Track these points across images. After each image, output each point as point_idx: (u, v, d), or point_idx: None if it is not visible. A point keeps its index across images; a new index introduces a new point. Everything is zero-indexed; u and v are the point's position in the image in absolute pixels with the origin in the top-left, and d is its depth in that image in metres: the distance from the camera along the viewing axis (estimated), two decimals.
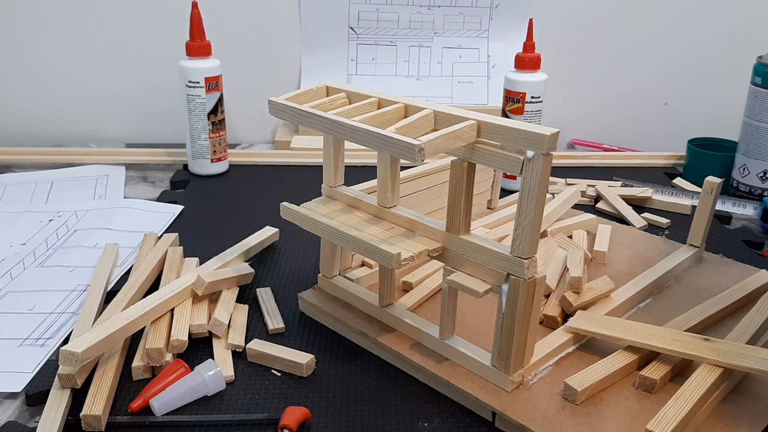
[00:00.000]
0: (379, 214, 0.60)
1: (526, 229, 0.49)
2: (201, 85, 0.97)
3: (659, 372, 0.54)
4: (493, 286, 0.52)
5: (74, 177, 1.02)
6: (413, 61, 1.22)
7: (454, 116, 0.51)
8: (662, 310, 0.66)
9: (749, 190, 0.98)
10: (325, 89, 0.62)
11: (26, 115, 1.20)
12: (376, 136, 0.49)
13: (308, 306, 0.66)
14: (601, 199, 0.95)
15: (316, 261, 0.75)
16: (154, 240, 0.78)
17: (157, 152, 1.10)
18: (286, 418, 0.51)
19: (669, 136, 1.24)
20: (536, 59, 0.92)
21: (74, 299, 0.69)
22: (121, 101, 1.21)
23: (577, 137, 1.26)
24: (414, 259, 0.53)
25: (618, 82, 1.24)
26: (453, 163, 0.52)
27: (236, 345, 0.60)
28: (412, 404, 0.55)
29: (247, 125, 1.24)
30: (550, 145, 0.46)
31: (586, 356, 0.58)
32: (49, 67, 1.17)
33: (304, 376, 0.57)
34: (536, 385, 0.54)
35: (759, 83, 0.95)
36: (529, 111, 0.93)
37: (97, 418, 0.50)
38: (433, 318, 0.60)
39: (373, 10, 1.19)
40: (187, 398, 0.54)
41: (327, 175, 0.63)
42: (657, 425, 0.47)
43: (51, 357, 0.60)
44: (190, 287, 0.64)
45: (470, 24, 1.21)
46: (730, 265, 0.75)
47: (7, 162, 1.07)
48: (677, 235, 0.85)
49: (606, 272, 0.72)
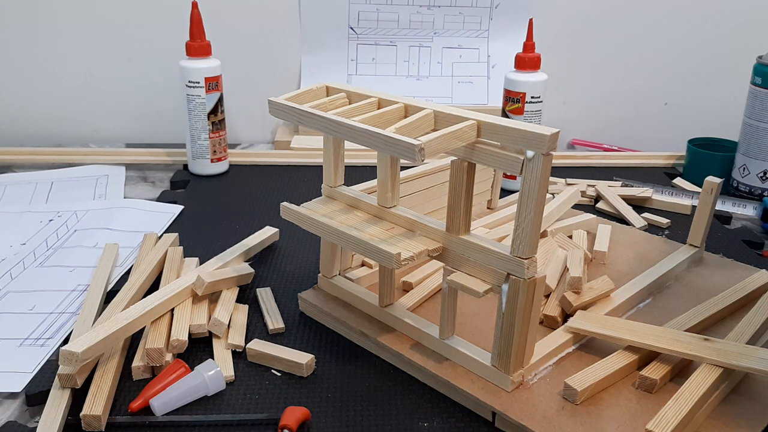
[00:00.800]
0: (379, 214, 0.60)
1: (526, 229, 0.49)
2: (201, 85, 0.97)
3: (659, 372, 0.54)
4: (493, 286, 0.52)
5: (74, 177, 1.02)
6: (413, 61, 1.22)
7: (454, 116, 0.51)
8: (662, 310, 0.66)
9: (749, 190, 0.98)
10: (325, 89, 0.62)
11: (26, 115, 1.20)
12: (376, 136, 0.49)
13: (308, 306, 0.66)
14: (601, 199, 0.95)
15: (316, 261, 0.75)
16: (154, 240, 0.78)
17: (157, 152, 1.10)
18: (286, 418, 0.51)
19: (669, 136, 1.24)
20: (536, 59, 0.92)
21: (74, 299, 0.69)
22: (121, 101, 1.21)
23: (577, 137, 1.26)
24: (414, 259, 0.53)
25: (618, 82, 1.24)
26: (453, 163, 0.52)
27: (236, 345, 0.60)
28: (412, 404, 0.55)
29: (247, 125, 1.24)
30: (550, 145, 0.46)
31: (586, 356, 0.58)
32: (49, 67, 1.17)
33: (304, 376, 0.57)
34: (536, 385, 0.54)
35: (759, 83, 0.95)
36: (529, 111, 0.93)
37: (97, 418, 0.50)
38: (433, 318, 0.60)
39: (373, 10, 1.19)
40: (187, 398, 0.54)
41: (327, 175, 0.63)
42: (657, 425, 0.47)
43: (51, 357, 0.60)
44: (190, 287, 0.64)
45: (470, 24, 1.21)
46: (730, 265, 0.75)
47: (7, 162, 1.07)
48: (677, 235, 0.85)
49: (606, 272, 0.72)
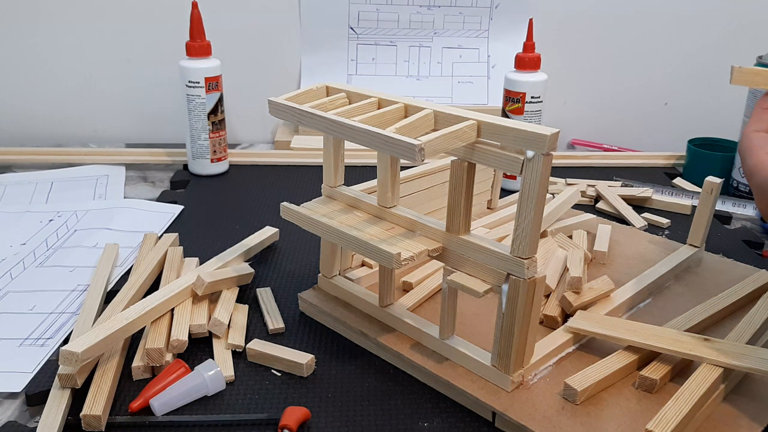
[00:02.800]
0: (379, 214, 0.60)
1: (526, 229, 0.49)
2: (201, 85, 0.97)
3: (659, 372, 0.54)
4: (493, 286, 0.52)
5: (74, 177, 1.02)
6: (413, 61, 1.22)
7: (454, 116, 0.51)
8: (662, 310, 0.66)
9: (749, 190, 0.98)
10: (325, 89, 0.62)
11: (26, 115, 1.20)
12: (376, 136, 0.49)
13: (308, 306, 0.66)
14: (601, 199, 0.95)
15: (316, 261, 0.75)
16: (154, 240, 0.78)
17: (157, 152, 1.10)
18: (286, 418, 0.51)
19: (669, 136, 1.24)
20: (536, 59, 0.92)
21: (74, 299, 0.69)
22: (121, 101, 1.21)
23: (577, 137, 1.26)
24: (414, 259, 0.53)
25: (618, 82, 1.24)
26: (453, 163, 0.52)
27: (236, 345, 0.60)
28: (412, 404, 0.55)
29: (247, 125, 1.24)
30: (550, 145, 0.46)
31: (586, 356, 0.58)
32: (49, 67, 1.17)
33: (304, 376, 0.57)
34: (536, 385, 0.54)
35: None
36: (529, 111, 0.93)
37: (97, 418, 0.50)
38: (433, 318, 0.60)
39: (373, 10, 1.19)
40: (187, 398, 0.54)
41: (327, 175, 0.63)
42: (657, 425, 0.47)
43: (51, 357, 0.60)
44: (190, 287, 0.64)
45: (470, 24, 1.21)
46: (730, 265, 0.75)
47: (7, 162, 1.07)
48: (677, 235, 0.85)
49: (606, 272, 0.72)
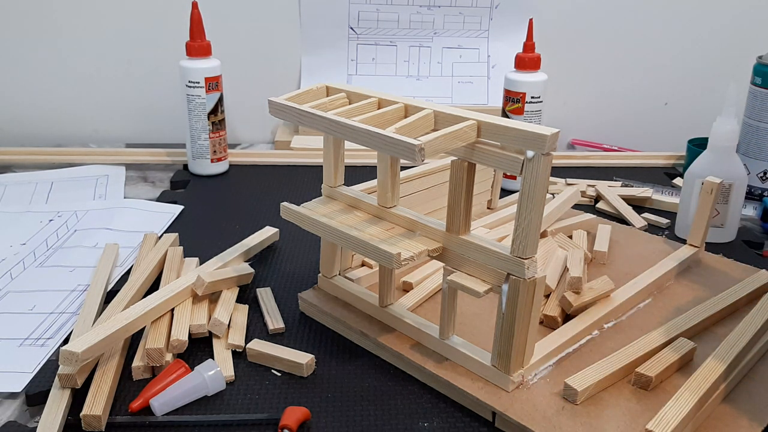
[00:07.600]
0: (379, 214, 0.60)
1: (526, 229, 0.49)
2: (201, 85, 0.97)
3: (655, 369, 0.54)
4: (493, 286, 0.52)
5: (74, 177, 1.02)
6: (413, 61, 1.22)
7: (454, 116, 0.51)
8: (662, 310, 0.66)
9: (749, 190, 0.98)
10: (325, 89, 0.62)
11: (26, 115, 1.20)
12: (376, 136, 0.49)
13: (308, 306, 0.66)
14: (601, 199, 0.94)
15: (316, 261, 0.75)
16: (154, 240, 0.78)
17: (157, 152, 1.10)
18: (286, 418, 0.51)
19: (669, 136, 1.24)
20: (536, 59, 0.92)
21: (74, 299, 0.69)
22: (121, 101, 1.21)
23: (577, 137, 1.26)
24: (414, 259, 0.53)
25: (618, 82, 1.24)
26: (453, 163, 0.52)
27: (236, 345, 0.60)
28: (412, 404, 0.55)
29: (247, 125, 1.23)
30: (550, 145, 0.46)
31: (586, 356, 0.58)
32: (49, 67, 1.17)
33: (304, 376, 0.57)
34: (536, 385, 0.54)
35: (759, 83, 0.95)
36: (529, 111, 0.93)
37: (97, 418, 0.50)
38: (433, 318, 0.60)
39: (373, 10, 1.19)
40: (187, 398, 0.54)
41: (327, 175, 0.63)
42: (657, 425, 0.47)
43: (51, 357, 0.60)
44: (190, 287, 0.64)
45: (470, 24, 1.21)
46: (730, 265, 0.75)
47: (7, 162, 1.07)
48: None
49: (606, 272, 0.72)
